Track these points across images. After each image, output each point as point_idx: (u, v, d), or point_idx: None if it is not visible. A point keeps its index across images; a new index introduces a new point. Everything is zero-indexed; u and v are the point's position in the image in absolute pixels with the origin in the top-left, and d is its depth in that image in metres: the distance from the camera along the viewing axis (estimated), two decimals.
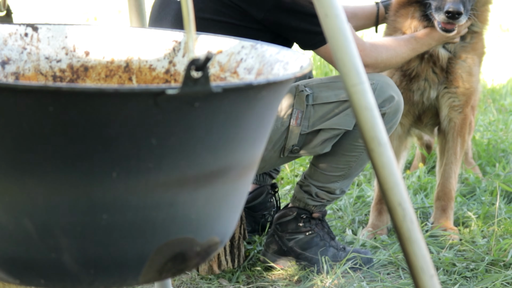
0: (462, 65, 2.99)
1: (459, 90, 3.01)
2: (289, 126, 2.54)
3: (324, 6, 1.18)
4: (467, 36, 2.97)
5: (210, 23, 2.42)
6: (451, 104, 3.03)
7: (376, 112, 1.19)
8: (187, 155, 1.15)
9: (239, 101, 1.16)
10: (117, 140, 1.10)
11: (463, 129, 3.07)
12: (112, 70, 1.49)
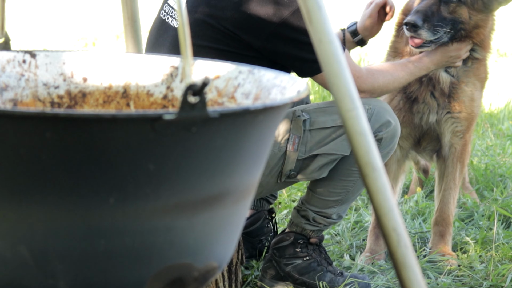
0: (464, 90, 2.99)
1: (461, 115, 3.01)
2: (286, 151, 2.55)
3: (318, 32, 1.19)
4: (469, 61, 2.98)
5: (207, 51, 2.43)
6: (453, 130, 3.03)
7: (370, 138, 1.19)
8: (185, 180, 1.15)
9: (236, 126, 1.17)
10: (115, 166, 1.10)
11: (463, 155, 3.07)
12: (110, 96, 1.49)
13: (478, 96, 3.05)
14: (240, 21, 2.42)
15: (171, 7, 2.57)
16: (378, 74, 2.61)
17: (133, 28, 1.58)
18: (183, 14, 1.09)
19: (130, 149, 1.10)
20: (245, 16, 2.41)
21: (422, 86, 2.97)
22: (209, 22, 2.44)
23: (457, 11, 2.87)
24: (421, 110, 3.00)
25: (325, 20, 1.21)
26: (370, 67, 2.68)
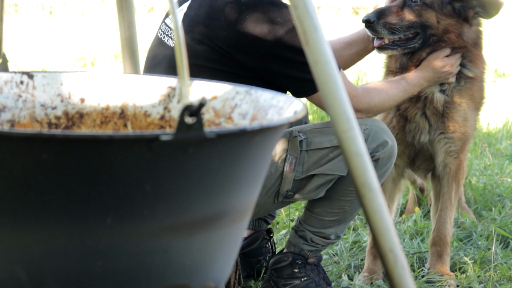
0: (457, 110, 2.99)
1: (455, 135, 3.00)
2: (283, 171, 2.55)
3: (314, 54, 1.20)
4: (461, 80, 2.98)
5: (202, 70, 2.44)
6: (447, 150, 3.02)
7: (366, 158, 1.19)
8: (181, 201, 1.15)
9: (233, 147, 1.17)
10: (112, 187, 1.10)
11: (458, 175, 3.06)
12: (107, 117, 1.50)
13: (472, 116, 3.04)
14: (234, 41, 2.43)
15: (168, 27, 2.58)
16: (374, 93, 2.62)
17: (130, 49, 1.59)
18: (180, 36, 1.10)
19: (127, 170, 1.10)
20: (240, 36, 2.42)
21: (414, 106, 2.97)
22: (204, 41, 2.45)
23: (423, 15, 2.87)
24: (413, 129, 3.00)
25: (322, 41, 1.21)
26: (365, 86, 2.69)
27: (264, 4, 2.46)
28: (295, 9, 1.20)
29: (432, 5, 2.87)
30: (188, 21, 2.50)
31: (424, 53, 2.87)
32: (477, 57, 3.00)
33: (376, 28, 2.82)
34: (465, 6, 2.88)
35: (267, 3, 2.46)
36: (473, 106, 3.03)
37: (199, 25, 2.47)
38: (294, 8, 1.20)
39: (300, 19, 1.20)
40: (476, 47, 2.97)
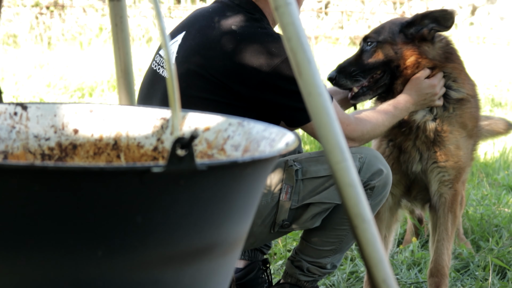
0: (449, 138, 2.98)
1: (448, 164, 2.99)
2: (279, 201, 2.55)
3: (307, 85, 1.20)
4: (450, 106, 2.98)
5: (197, 100, 2.45)
6: (440, 179, 3.01)
7: (359, 189, 1.20)
8: (173, 233, 1.15)
9: (225, 179, 1.17)
10: (103, 218, 1.10)
11: (453, 205, 3.04)
12: (100, 148, 1.50)
13: (465, 144, 3.02)
14: (230, 71, 2.45)
15: (162, 58, 2.59)
16: (365, 121, 2.63)
17: (126, 81, 1.59)
18: (172, 69, 1.10)
19: (118, 201, 1.10)
20: (236, 66, 2.44)
21: (407, 137, 2.97)
22: (200, 72, 2.47)
23: (380, 52, 2.90)
24: (406, 159, 3.00)
25: (315, 73, 1.22)
26: (357, 114, 2.69)
27: (259, 35, 2.48)
28: (289, 41, 1.21)
29: (385, 40, 2.91)
30: (183, 52, 2.51)
31: (399, 85, 2.89)
32: (459, 73, 2.98)
33: (340, 82, 2.89)
34: (417, 28, 2.91)
35: (262, 34, 2.48)
36: (465, 134, 3.01)
37: (195, 56, 2.48)
38: (288, 40, 1.21)
39: (293, 51, 1.21)
40: (450, 61, 2.96)
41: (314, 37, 11.90)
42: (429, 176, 3.01)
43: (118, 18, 1.49)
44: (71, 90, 7.86)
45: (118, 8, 1.48)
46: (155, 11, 1.06)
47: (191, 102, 2.38)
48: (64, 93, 7.73)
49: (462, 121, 3.00)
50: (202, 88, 2.47)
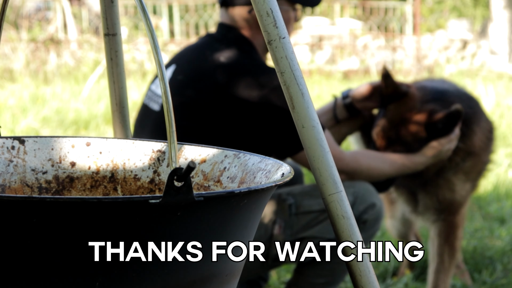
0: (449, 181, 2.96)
1: (444, 201, 2.99)
2: (272, 234, 2.56)
3: (301, 118, 1.22)
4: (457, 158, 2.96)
5: (191, 131, 2.48)
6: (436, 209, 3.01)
7: (353, 221, 1.21)
8: (170, 264, 1.16)
9: (221, 210, 1.18)
10: (100, 250, 1.11)
11: (450, 237, 3.02)
12: (97, 181, 1.51)
13: (462, 187, 3.00)
14: (224, 104, 2.47)
15: (153, 92, 2.62)
16: (362, 161, 2.62)
17: (121, 114, 1.61)
18: (168, 101, 1.12)
19: (115, 233, 1.11)
20: (229, 99, 2.46)
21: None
22: (192, 104, 2.49)
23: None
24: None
25: (308, 106, 1.24)
26: (359, 152, 2.69)
27: (252, 67, 2.51)
28: (282, 74, 1.23)
29: None
30: (176, 85, 2.54)
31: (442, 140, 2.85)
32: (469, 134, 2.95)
33: None
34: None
35: (254, 66, 2.51)
36: (465, 179, 2.99)
37: (186, 89, 2.51)
38: (281, 73, 1.23)
39: (287, 85, 1.23)
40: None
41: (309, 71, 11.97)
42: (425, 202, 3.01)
43: (113, 52, 1.51)
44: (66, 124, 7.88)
45: (113, 42, 1.50)
46: (152, 44, 1.08)
47: (185, 134, 2.41)
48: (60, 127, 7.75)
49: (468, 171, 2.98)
50: (196, 120, 2.49)
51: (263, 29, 1.21)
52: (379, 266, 3.66)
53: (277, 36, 1.21)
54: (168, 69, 2.62)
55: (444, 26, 17.97)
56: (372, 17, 14.32)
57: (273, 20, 1.20)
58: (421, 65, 12.68)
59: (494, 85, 10.55)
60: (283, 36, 1.21)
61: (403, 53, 13.28)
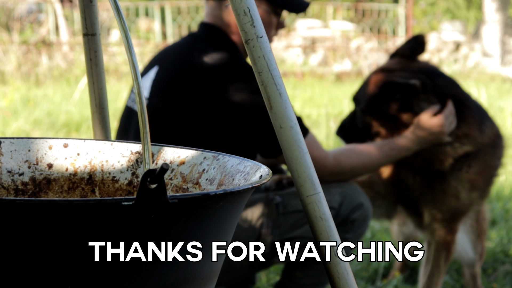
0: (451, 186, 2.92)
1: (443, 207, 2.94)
2: (260, 234, 2.54)
3: (279, 118, 1.20)
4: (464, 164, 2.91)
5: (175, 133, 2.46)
6: (434, 216, 2.97)
7: (331, 223, 1.19)
8: (144, 267, 1.14)
9: (197, 212, 1.16)
10: (73, 253, 1.09)
11: (448, 243, 2.99)
12: (75, 183, 1.49)
13: (466, 196, 2.94)
14: (211, 106, 2.45)
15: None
16: (345, 164, 2.59)
17: (100, 115, 1.59)
18: (142, 103, 1.10)
19: (88, 236, 1.09)
20: (216, 101, 2.45)
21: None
22: (179, 106, 2.47)
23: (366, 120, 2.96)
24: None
25: (286, 106, 1.22)
26: (340, 153, 2.65)
27: (240, 70, 2.49)
28: (260, 74, 1.21)
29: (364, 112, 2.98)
30: (158, 86, 2.52)
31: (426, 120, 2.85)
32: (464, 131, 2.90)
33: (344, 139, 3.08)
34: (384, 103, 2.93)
35: (242, 69, 2.49)
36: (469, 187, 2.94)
37: (170, 89, 2.49)
38: (259, 73, 1.21)
39: (264, 85, 1.21)
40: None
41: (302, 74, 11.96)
42: (423, 209, 2.98)
43: (92, 53, 1.49)
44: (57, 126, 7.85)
45: (92, 42, 1.48)
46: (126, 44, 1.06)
47: (170, 135, 2.39)
48: (51, 129, 7.72)
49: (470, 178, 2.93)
50: (181, 121, 2.47)
51: (240, 28, 1.19)
52: (368, 268, 3.64)
53: (255, 35, 1.19)
54: (151, 70, 2.60)
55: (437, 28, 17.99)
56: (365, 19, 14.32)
57: (250, 19, 1.18)
58: None
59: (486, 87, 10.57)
60: (260, 35, 1.19)
61: None
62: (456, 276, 3.57)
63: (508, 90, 10.86)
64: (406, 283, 3.60)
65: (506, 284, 3.47)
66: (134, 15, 13.19)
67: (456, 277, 3.56)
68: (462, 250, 3.19)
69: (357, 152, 2.68)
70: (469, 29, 18.88)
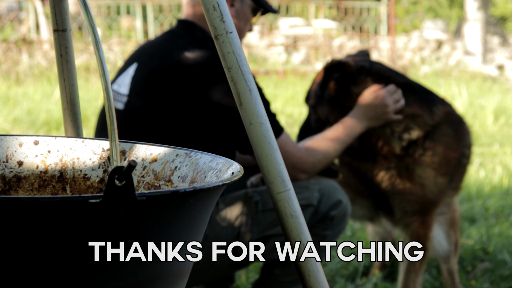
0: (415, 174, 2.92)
1: (411, 198, 2.94)
2: (239, 232, 2.53)
3: (248, 114, 1.19)
4: (418, 147, 2.93)
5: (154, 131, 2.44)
6: (404, 209, 2.96)
7: (301, 220, 1.18)
8: (113, 265, 1.12)
9: (166, 210, 1.15)
10: (39, 252, 1.08)
11: (420, 238, 2.97)
12: (45, 180, 1.47)
13: (431, 182, 2.94)
14: (191, 103, 2.44)
15: (116, 92, 2.58)
16: (316, 151, 2.61)
17: (72, 112, 1.58)
18: (110, 99, 1.09)
19: (54, 234, 1.07)
20: (196, 99, 2.43)
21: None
22: (158, 104, 2.46)
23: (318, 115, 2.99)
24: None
25: (256, 102, 1.21)
26: (307, 145, 2.65)
27: (219, 67, 2.47)
28: (229, 70, 1.20)
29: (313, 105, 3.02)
30: (138, 83, 2.50)
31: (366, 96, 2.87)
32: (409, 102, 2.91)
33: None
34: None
35: (215, 63, 2.47)
36: (433, 173, 2.93)
37: (152, 87, 2.48)
38: (228, 69, 1.20)
39: (234, 81, 1.20)
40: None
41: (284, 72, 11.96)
42: (393, 203, 2.97)
43: (63, 49, 1.47)
44: (37, 124, 7.80)
45: (63, 38, 1.46)
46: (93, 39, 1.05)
47: (150, 133, 2.37)
48: (31, 128, 7.67)
49: (430, 161, 2.93)
50: (160, 119, 2.46)
51: (210, 24, 1.18)
52: (348, 266, 3.64)
53: (224, 30, 1.18)
54: (130, 67, 2.58)
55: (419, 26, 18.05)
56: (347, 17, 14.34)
57: (219, 14, 1.17)
58: (396, 66, 12.71)
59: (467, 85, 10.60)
60: (230, 31, 1.17)
61: (378, 54, 13.31)
62: (436, 273, 3.57)
63: (489, 88, 10.91)
64: (386, 281, 3.60)
65: (485, 281, 3.48)
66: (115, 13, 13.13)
67: (436, 275, 3.56)
68: (437, 243, 3.18)
69: (321, 138, 2.67)
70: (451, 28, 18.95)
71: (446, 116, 2.94)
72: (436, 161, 2.91)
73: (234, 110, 2.43)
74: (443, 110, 2.93)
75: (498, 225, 4.41)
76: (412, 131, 2.87)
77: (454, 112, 2.99)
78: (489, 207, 4.82)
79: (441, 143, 2.92)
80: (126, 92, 2.51)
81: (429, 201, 2.93)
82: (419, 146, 2.89)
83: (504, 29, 19.27)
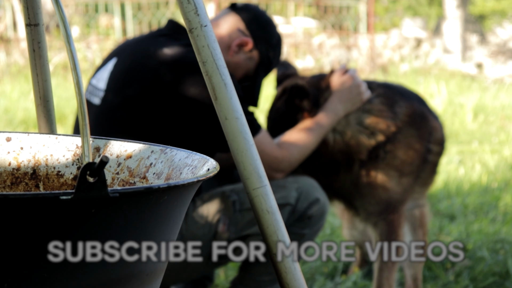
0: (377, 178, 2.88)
1: (374, 201, 2.90)
2: (216, 232, 2.51)
3: (224, 109, 1.17)
4: (379, 151, 2.93)
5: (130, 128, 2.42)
6: (369, 210, 2.93)
7: (278, 216, 1.16)
8: (86, 263, 1.10)
9: (140, 206, 1.13)
10: (9, 249, 1.05)
11: (391, 236, 2.95)
12: (18, 178, 1.45)
13: (395, 184, 2.90)
14: (168, 100, 2.42)
15: (94, 87, 2.56)
16: (292, 147, 2.59)
17: (45, 108, 1.55)
18: (82, 93, 1.06)
19: (26, 231, 1.05)
20: (173, 96, 2.41)
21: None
22: (137, 100, 2.44)
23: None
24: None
25: (232, 96, 1.19)
26: (283, 141, 2.63)
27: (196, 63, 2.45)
28: (204, 64, 1.18)
29: None
30: (116, 79, 2.48)
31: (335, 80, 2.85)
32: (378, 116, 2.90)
33: None
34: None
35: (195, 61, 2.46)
36: (396, 175, 2.90)
37: (130, 83, 2.45)
38: (203, 63, 1.18)
39: (209, 75, 1.18)
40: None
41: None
42: (357, 204, 2.95)
43: (35, 44, 1.45)
44: (15, 123, 7.74)
45: (35, 33, 1.44)
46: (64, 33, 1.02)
47: (126, 129, 2.35)
48: (8, 126, 7.61)
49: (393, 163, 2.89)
50: (137, 115, 2.43)
51: (184, 17, 1.16)
52: (328, 264, 3.63)
53: (199, 24, 1.16)
54: (109, 61, 2.55)
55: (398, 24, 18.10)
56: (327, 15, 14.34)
57: (194, 7, 1.15)
58: (375, 64, 12.73)
59: (446, 84, 10.64)
60: (204, 24, 1.15)
61: (358, 52, 13.32)
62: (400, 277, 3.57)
63: (468, 86, 10.96)
64: (365, 279, 3.60)
65: (464, 278, 3.49)
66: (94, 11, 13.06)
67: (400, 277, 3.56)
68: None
69: (297, 132, 2.65)
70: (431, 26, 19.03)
71: (409, 116, 2.92)
72: (398, 163, 2.89)
73: (211, 107, 2.41)
74: (406, 111, 2.91)
75: (477, 222, 4.42)
76: (377, 136, 2.86)
77: (418, 109, 2.96)
78: (468, 204, 4.83)
79: (403, 144, 2.90)
80: (103, 87, 2.48)
81: (395, 201, 2.90)
82: (381, 150, 2.86)
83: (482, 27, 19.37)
